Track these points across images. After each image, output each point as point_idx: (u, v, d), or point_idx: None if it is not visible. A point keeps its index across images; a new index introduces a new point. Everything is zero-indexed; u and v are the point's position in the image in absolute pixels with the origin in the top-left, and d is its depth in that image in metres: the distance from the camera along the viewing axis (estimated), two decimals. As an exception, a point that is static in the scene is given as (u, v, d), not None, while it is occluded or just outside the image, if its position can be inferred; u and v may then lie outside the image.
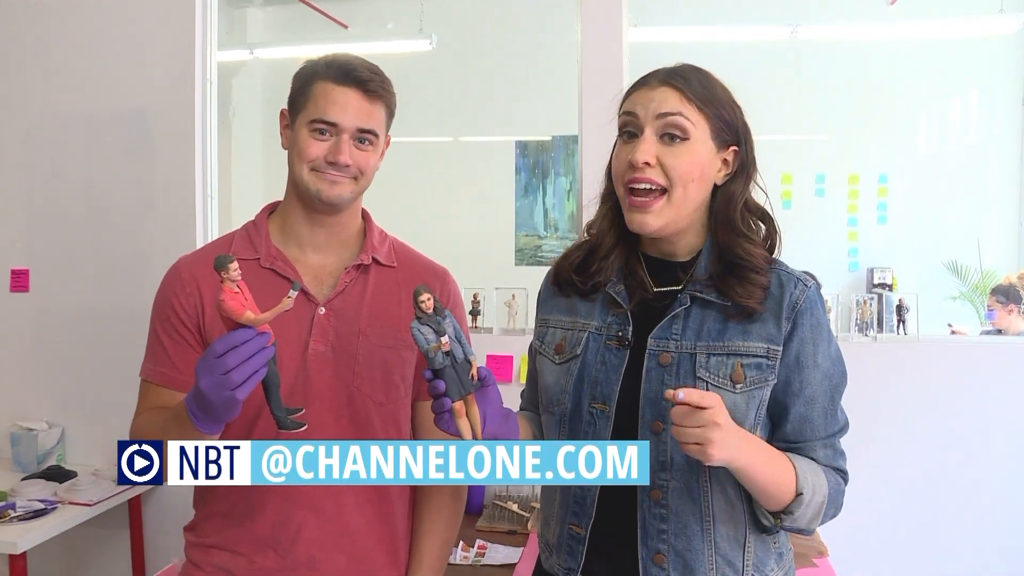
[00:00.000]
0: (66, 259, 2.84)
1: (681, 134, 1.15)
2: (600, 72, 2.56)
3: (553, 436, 1.27)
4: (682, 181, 1.15)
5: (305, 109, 1.33)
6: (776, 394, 1.16)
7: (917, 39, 4.35)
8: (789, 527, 1.16)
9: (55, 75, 2.83)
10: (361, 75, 1.32)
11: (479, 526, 2.36)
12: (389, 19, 4.80)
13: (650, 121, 1.16)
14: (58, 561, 2.89)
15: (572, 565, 1.23)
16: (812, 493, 1.12)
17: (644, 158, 1.14)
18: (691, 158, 1.15)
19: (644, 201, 1.16)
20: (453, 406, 1.07)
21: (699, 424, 1.01)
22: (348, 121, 1.31)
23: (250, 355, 1.02)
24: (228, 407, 1.06)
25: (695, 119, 1.15)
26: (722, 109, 1.18)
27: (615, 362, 1.20)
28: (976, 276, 4.12)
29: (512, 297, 2.68)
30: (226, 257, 1.01)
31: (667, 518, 1.16)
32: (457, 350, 1.07)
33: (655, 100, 1.16)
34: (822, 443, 1.19)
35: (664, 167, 1.15)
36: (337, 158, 1.31)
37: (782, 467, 1.12)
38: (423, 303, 1.05)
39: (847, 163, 4.61)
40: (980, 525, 2.53)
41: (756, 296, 1.15)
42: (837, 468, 1.20)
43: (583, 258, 1.28)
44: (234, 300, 1.01)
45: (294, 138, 1.34)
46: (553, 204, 4.91)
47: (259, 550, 1.33)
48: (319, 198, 1.33)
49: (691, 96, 1.15)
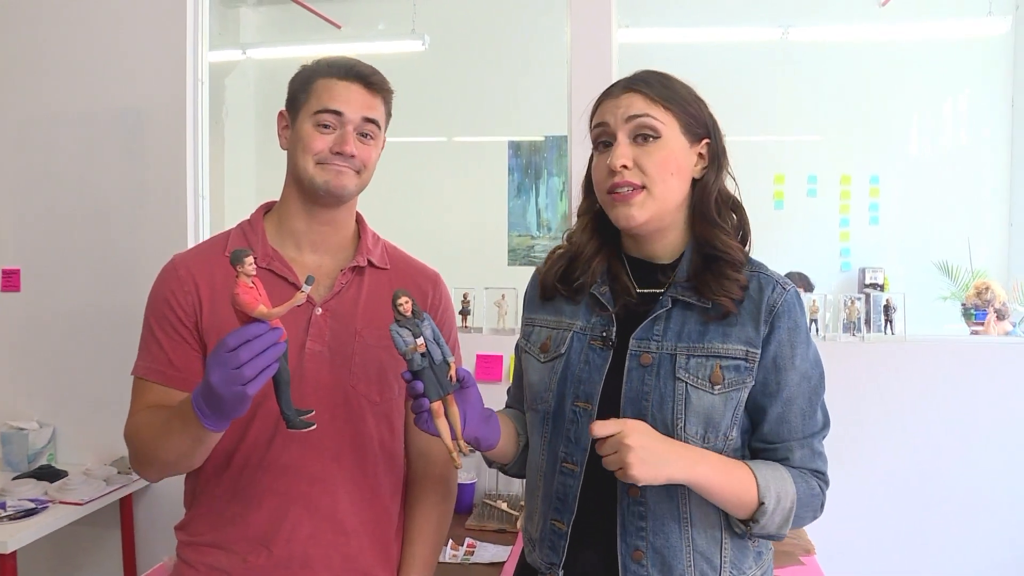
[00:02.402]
0: (57, 259, 2.84)
1: (653, 133, 1.18)
2: (589, 73, 2.56)
3: (537, 434, 1.29)
4: (660, 176, 1.18)
5: (308, 104, 1.35)
6: (754, 395, 1.18)
7: (908, 40, 4.37)
8: (759, 534, 1.17)
9: (47, 74, 2.83)
10: (363, 70, 1.36)
11: (468, 525, 2.37)
12: (382, 20, 4.80)
13: (621, 126, 1.19)
14: (49, 561, 2.89)
15: (554, 560, 1.24)
16: (776, 501, 1.13)
17: (621, 161, 1.18)
18: (665, 154, 1.18)
19: (626, 195, 1.18)
20: (431, 406, 1.10)
21: (612, 450, 1.06)
22: (352, 111, 1.34)
23: (263, 349, 1.03)
24: (238, 402, 1.06)
25: (663, 117, 1.19)
26: (687, 105, 1.21)
27: (598, 362, 1.22)
28: (967, 276, 4.13)
29: (502, 297, 2.69)
30: (242, 251, 1.02)
31: (645, 515, 1.17)
32: (435, 352, 1.09)
33: (622, 106, 1.20)
34: (799, 443, 1.20)
35: (640, 167, 1.18)
36: (343, 148, 1.33)
37: (740, 478, 1.14)
38: (401, 306, 1.08)
39: (839, 164, 4.62)
40: (967, 523, 2.55)
41: (733, 293, 1.17)
42: (815, 470, 1.21)
43: (565, 267, 1.31)
44: (248, 294, 1.01)
45: (297, 134, 1.36)
46: (546, 204, 4.92)
47: (253, 549, 1.34)
48: (326, 189, 1.34)
49: (655, 97, 1.19)
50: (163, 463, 1.27)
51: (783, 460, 1.20)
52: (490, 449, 1.24)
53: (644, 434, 1.07)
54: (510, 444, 1.32)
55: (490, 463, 1.36)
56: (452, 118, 4.86)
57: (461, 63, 4.77)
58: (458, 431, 1.13)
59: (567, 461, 1.23)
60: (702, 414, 1.14)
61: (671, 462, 1.08)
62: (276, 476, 1.34)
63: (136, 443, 1.31)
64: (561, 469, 1.23)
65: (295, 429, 1.10)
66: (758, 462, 1.18)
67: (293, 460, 1.34)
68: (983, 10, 3.82)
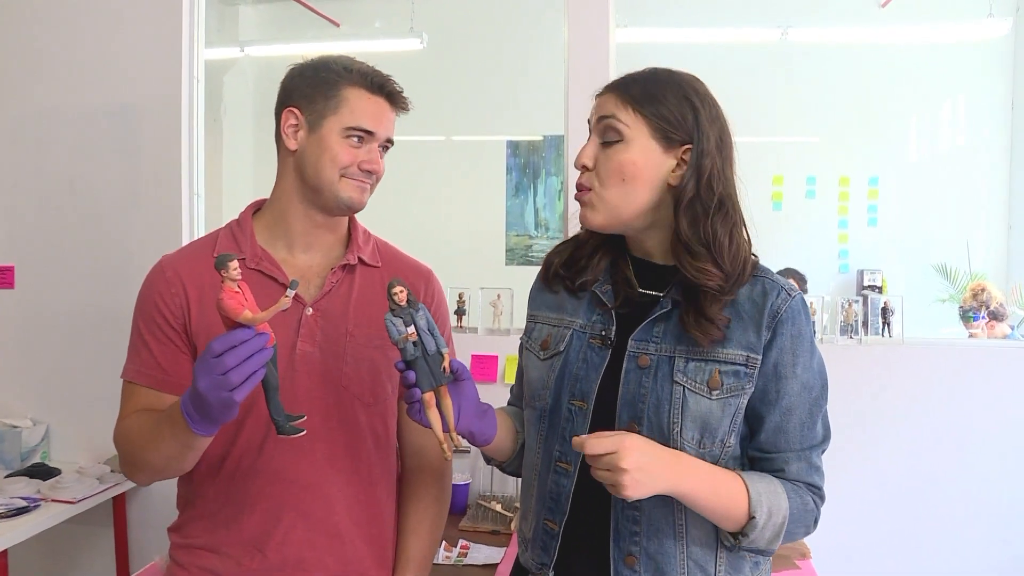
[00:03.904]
0: (51, 256, 2.82)
1: (615, 136, 1.17)
2: (587, 73, 2.55)
3: (534, 431, 1.28)
4: (609, 181, 1.17)
5: (337, 114, 1.33)
6: (753, 403, 1.16)
7: (908, 42, 4.37)
8: (747, 548, 1.14)
9: (42, 71, 2.82)
10: (393, 89, 1.38)
11: (462, 526, 2.36)
12: (380, 18, 4.79)
13: (594, 126, 1.21)
14: (41, 559, 2.88)
15: (545, 560, 1.23)
16: (767, 516, 1.11)
17: (582, 160, 1.20)
18: (621, 158, 1.16)
19: (582, 195, 1.21)
20: (423, 397, 1.09)
21: (606, 468, 1.04)
22: (382, 131, 1.37)
23: (249, 355, 1.01)
24: (225, 408, 1.05)
25: (628, 120, 1.16)
26: (665, 109, 1.15)
27: (596, 361, 1.21)
28: (965, 278, 4.12)
29: (497, 297, 2.68)
30: (227, 256, 1.01)
31: (640, 520, 1.16)
32: (429, 342, 1.09)
33: (598, 107, 1.21)
34: (796, 455, 1.17)
35: (596, 169, 1.19)
36: (373, 167, 1.35)
37: (731, 491, 1.11)
38: (396, 295, 1.08)
39: (838, 165, 4.62)
40: (964, 527, 2.54)
41: (712, 334, 1.13)
42: (811, 484, 1.18)
43: (570, 253, 1.31)
44: (233, 299, 1.00)
45: (322, 142, 1.33)
46: (544, 204, 4.91)
47: (247, 552, 1.33)
48: (348, 204, 1.36)
49: (628, 99, 1.17)
50: (153, 467, 1.26)
51: (778, 471, 1.17)
52: (486, 444, 1.23)
53: (640, 453, 1.04)
54: (508, 440, 1.31)
55: (488, 460, 1.35)
56: (450, 117, 4.85)
57: (460, 62, 4.77)
58: (451, 423, 1.12)
59: (561, 460, 1.22)
60: (699, 419, 1.12)
61: (670, 479, 1.07)
62: (269, 479, 1.33)
63: (126, 447, 1.30)
64: (555, 468, 1.22)
65: (285, 435, 1.09)
66: (752, 474, 1.16)
67: (285, 463, 1.33)
68: (983, 12, 3.82)
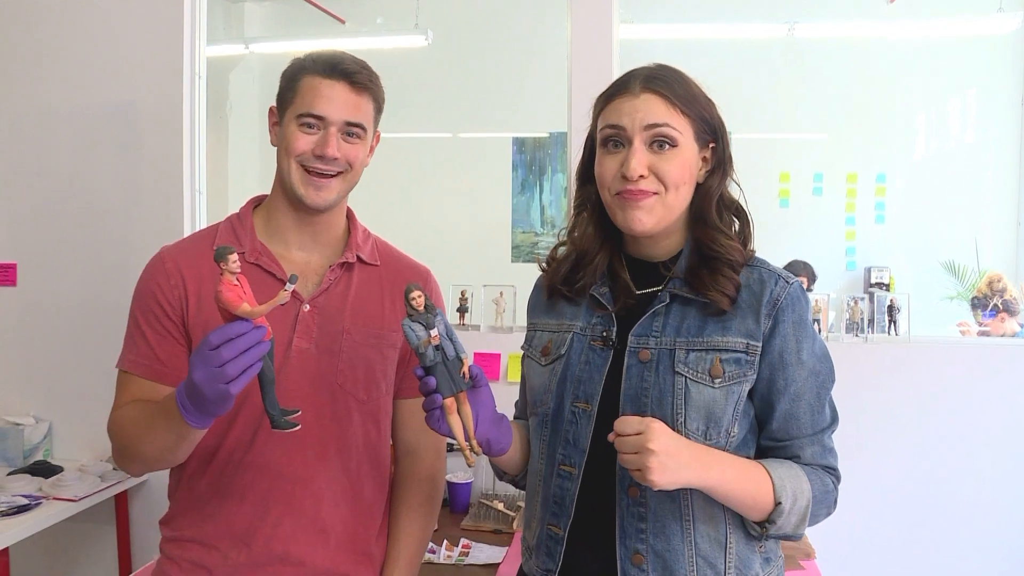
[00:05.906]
0: (53, 253, 2.82)
1: (670, 142, 1.15)
2: (590, 69, 2.54)
3: (537, 437, 1.26)
4: (675, 185, 1.16)
5: (293, 104, 1.33)
6: (762, 392, 1.16)
7: (916, 38, 4.33)
8: (775, 535, 1.15)
9: (42, 68, 2.81)
10: (348, 68, 1.32)
11: (464, 525, 2.34)
12: (385, 15, 4.78)
13: (638, 132, 1.15)
14: (42, 557, 2.87)
15: (550, 566, 1.21)
16: (792, 501, 1.11)
17: (640, 171, 1.14)
18: (680, 161, 1.16)
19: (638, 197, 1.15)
20: (444, 403, 1.07)
21: (633, 450, 1.03)
22: (335, 114, 1.31)
23: (246, 348, 1.01)
24: (221, 401, 1.05)
25: (681, 126, 1.15)
26: (702, 109, 1.18)
27: (598, 362, 1.20)
28: (973, 276, 4.10)
29: (500, 294, 2.66)
30: (226, 248, 1.01)
31: (646, 517, 1.14)
32: (448, 347, 1.07)
33: (640, 110, 1.15)
34: (810, 440, 1.17)
35: (657, 174, 1.15)
36: (324, 151, 1.30)
37: (755, 479, 1.11)
38: (414, 300, 1.06)
39: (845, 162, 4.60)
40: (969, 527, 2.52)
41: (727, 290, 1.15)
42: (827, 466, 1.19)
43: (570, 269, 1.29)
44: (231, 292, 1.00)
45: (282, 133, 1.34)
46: (550, 201, 4.91)
47: (234, 545, 1.33)
48: (302, 199, 1.33)
49: (675, 102, 1.15)
50: (146, 458, 1.26)
51: (794, 458, 1.17)
52: (501, 454, 1.21)
53: (668, 436, 1.04)
54: (520, 452, 1.29)
55: (500, 475, 1.33)
56: (456, 114, 4.85)
57: (465, 58, 4.75)
58: (471, 431, 1.10)
59: (565, 463, 1.20)
60: (702, 409, 1.12)
61: (697, 468, 1.05)
62: (259, 473, 1.32)
63: (119, 437, 1.30)
64: (559, 472, 1.21)
65: (279, 429, 1.09)
66: (771, 460, 1.16)
67: (276, 458, 1.32)
68: (993, 7, 3.77)
